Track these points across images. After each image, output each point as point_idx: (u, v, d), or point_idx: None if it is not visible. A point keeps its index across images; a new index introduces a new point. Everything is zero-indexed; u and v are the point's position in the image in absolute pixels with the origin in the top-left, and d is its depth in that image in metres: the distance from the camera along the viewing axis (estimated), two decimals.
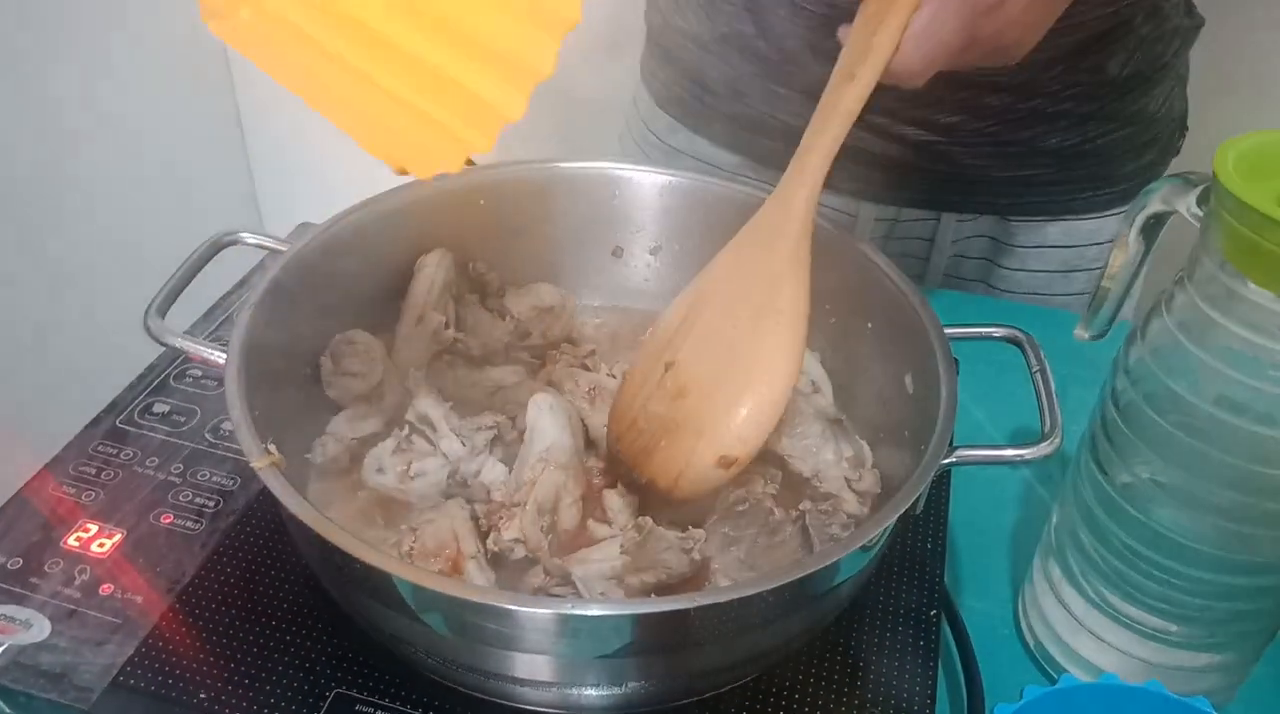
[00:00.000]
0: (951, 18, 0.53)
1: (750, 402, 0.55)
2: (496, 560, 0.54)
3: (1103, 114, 0.80)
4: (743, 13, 0.80)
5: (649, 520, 0.52)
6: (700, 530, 0.54)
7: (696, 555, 0.52)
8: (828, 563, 0.46)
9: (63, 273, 1.26)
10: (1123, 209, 0.86)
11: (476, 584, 0.51)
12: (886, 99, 0.56)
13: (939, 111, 0.79)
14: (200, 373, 0.71)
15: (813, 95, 0.57)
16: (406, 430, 0.59)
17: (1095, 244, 0.87)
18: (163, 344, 0.55)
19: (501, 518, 0.53)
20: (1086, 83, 0.78)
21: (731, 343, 0.57)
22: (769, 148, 0.84)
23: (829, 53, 0.57)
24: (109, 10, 1.31)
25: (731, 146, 0.87)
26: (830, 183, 0.58)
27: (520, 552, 0.53)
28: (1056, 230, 0.86)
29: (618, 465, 0.59)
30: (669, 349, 0.59)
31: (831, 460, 0.59)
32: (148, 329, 0.55)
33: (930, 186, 0.84)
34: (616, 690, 0.49)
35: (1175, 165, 0.89)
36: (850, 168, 0.77)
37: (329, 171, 1.46)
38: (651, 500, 0.57)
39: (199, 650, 0.54)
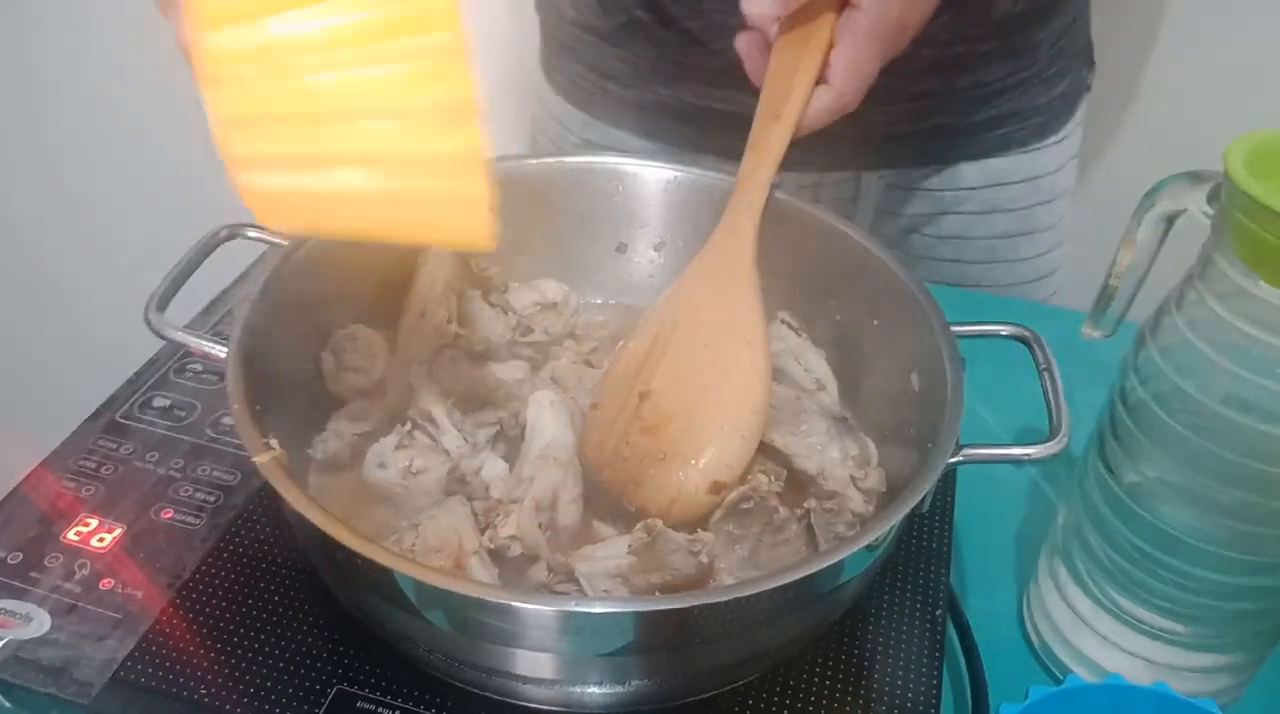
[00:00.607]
0: (867, 54, 0.58)
1: (735, 428, 0.58)
2: (499, 557, 0.53)
3: (1000, 52, 0.81)
4: (639, 0, 0.81)
5: (658, 522, 0.51)
6: (709, 534, 0.53)
7: (704, 558, 0.52)
8: (832, 562, 0.45)
9: (63, 266, 1.26)
10: (1037, 145, 0.87)
11: (479, 580, 0.51)
12: None
13: None
14: (201, 367, 0.71)
15: (717, 73, 0.59)
16: (409, 426, 0.59)
17: (1010, 183, 0.88)
18: (163, 338, 0.55)
19: (499, 515, 0.53)
20: (978, 24, 0.79)
21: (706, 371, 0.59)
22: (682, 133, 0.85)
23: (729, 31, 0.62)
24: (110, 1, 1.30)
25: (645, 133, 0.88)
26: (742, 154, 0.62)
27: (517, 549, 0.52)
28: (971, 171, 0.87)
29: (603, 497, 0.59)
30: (640, 379, 0.60)
31: (837, 459, 0.59)
32: (148, 323, 0.54)
33: (847, 147, 0.84)
34: (620, 688, 0.49)
35: (1089, 101, 0.91)
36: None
37: None
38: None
39: (199, 646, 0.54)
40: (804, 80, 0.59)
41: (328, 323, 0.62)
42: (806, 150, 0.82)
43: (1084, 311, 0.58)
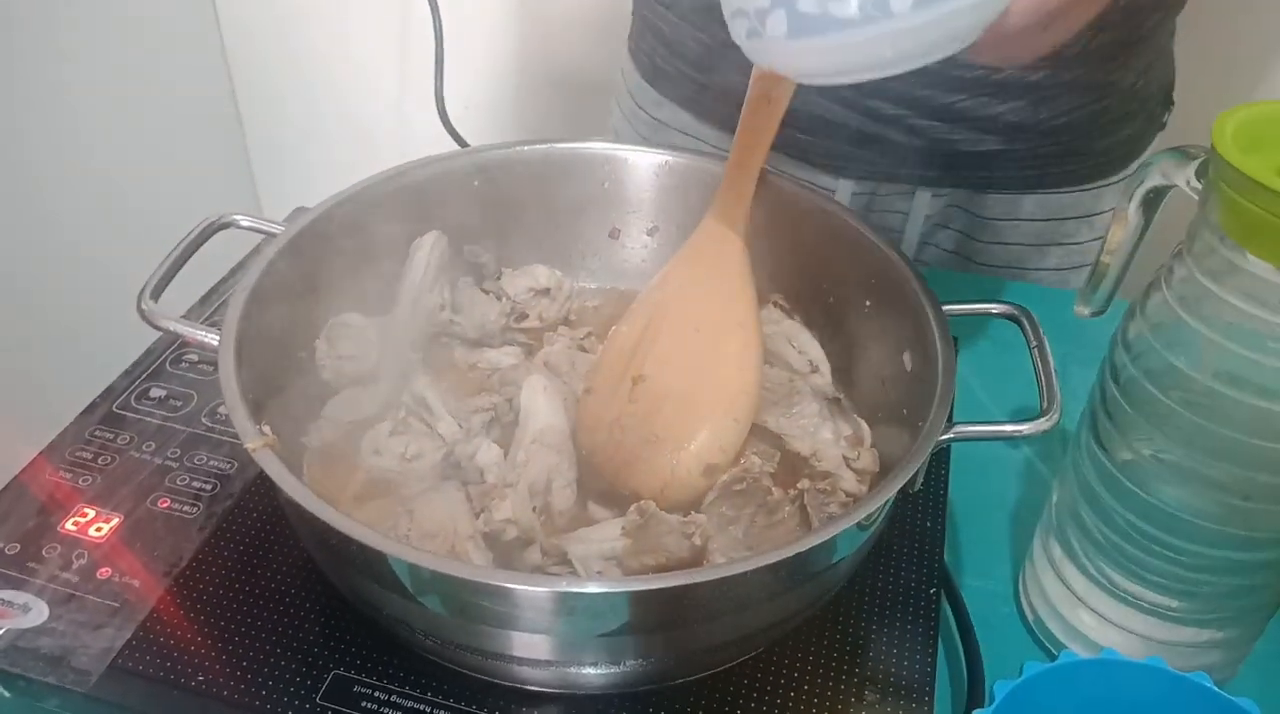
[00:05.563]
0: None
1: (728, 411, 0.58)
2: (493, 541, 0.54)
3: (1076, 85, 0.79)
4: None
5: (651, 504, 0.52)
6: (701, 515, 0.54)
7: (697, 540, 0.52)
8: (823, 539, 0.45)
9: (58, 257, 1.26)
10: (1101, 183, 0.85)
11: (474, 564, 0.51)
12: None
13: (911, 85, 0.78)
14: (196, 358, 0.71)
15: None
16: (403, 413, 0.59)
17: (1071, 218, 0.86)
18: (156, 327, 0.55)
19: (493, 499, 0.53)
20: (1057, 55, 0.77)
21: (698, 356, 0.60)
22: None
23: None
24: None
25: (713, 120, 0.87)
26: (809, 158, 0.59)
27: (512, 532, 0.52)
28: (1031, 203, 0.85)
29: (597, 480, 0.59)
30: (633, 363, 0.61)
31: (829, 439, 0.59)
32: (141, 312, 0.55)
33: (905, 161, 0.83)
34: (615, 669, 0.49)
35: (1163, 139, 0.87)
36: (827, 143, 0.79)
37: (325, 156, 1.46)
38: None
39: (197, 634, 0.54)
40: None
41: (321, 311, 0.62)
42: (868, 158, 0.82)
43: (1056, 288, 0.58)
